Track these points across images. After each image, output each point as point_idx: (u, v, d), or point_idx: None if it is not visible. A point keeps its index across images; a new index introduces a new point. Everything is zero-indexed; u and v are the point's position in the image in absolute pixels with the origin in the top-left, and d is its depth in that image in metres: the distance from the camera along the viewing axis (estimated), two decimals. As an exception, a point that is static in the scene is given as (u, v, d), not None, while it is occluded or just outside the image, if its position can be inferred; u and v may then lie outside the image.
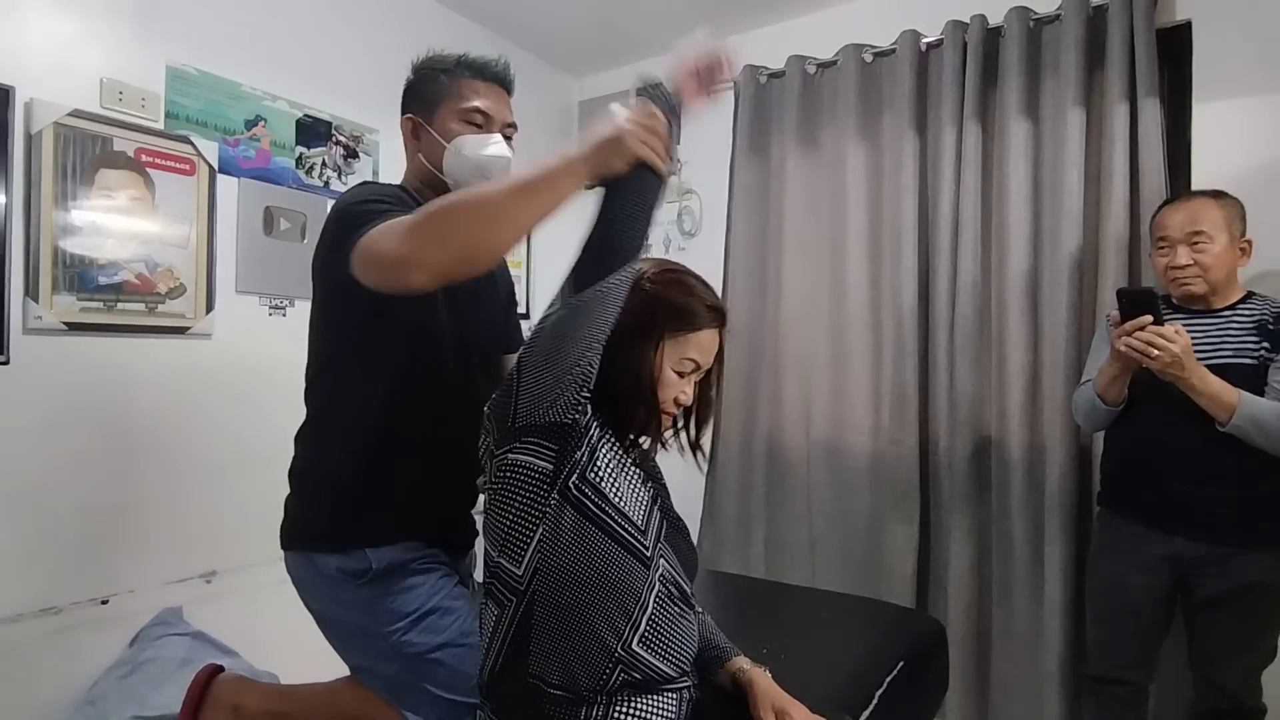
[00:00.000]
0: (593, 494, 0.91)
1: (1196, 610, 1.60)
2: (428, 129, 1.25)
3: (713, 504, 2.61)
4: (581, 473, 0.91)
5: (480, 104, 1.24)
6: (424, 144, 1.26)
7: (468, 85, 1.25)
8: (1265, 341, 1.52)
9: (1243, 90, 1.88)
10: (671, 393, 0.99)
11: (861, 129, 2.37)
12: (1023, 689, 2.04)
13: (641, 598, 0.93)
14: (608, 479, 0.93)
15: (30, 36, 1.62)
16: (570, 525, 0.90)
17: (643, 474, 1.02)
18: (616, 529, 0.92)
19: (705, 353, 1.01)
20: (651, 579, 0.94)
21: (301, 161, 2.14)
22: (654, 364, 0.97)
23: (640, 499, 0.96)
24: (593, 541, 0.91)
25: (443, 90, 1.25)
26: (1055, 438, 1.98)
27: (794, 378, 2.47)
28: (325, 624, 1.23)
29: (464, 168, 1.22)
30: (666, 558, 0.98)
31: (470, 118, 1.24)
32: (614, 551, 0.91)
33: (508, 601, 0.94)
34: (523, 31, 2.72)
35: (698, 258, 2.79)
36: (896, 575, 2.23)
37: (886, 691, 1.27)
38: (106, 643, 1.72)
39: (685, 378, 1.01)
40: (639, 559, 0.93)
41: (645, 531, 0.95)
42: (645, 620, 0.93)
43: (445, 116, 1.24)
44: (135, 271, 1.76)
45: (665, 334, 0.97)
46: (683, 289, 1.01)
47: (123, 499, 1.76)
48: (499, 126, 1.26)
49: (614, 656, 0.91)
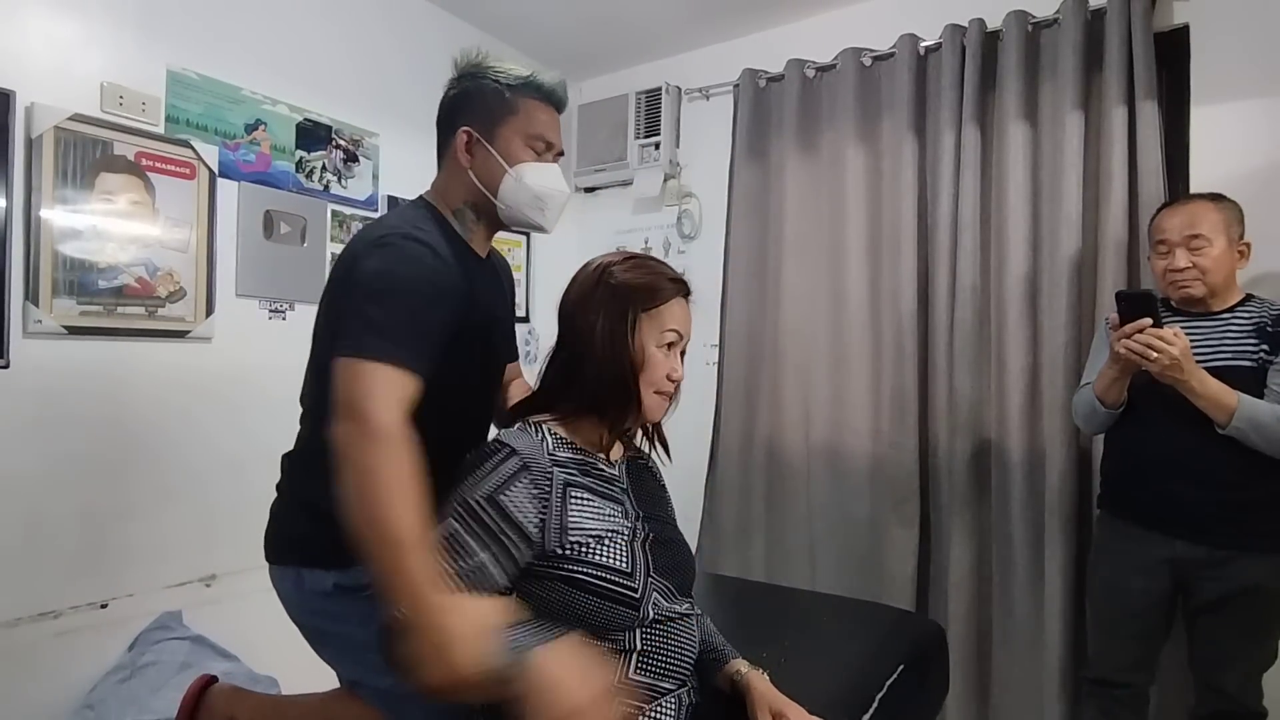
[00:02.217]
0: (564, 562, 0.93)
1: (1197, 613, 1.60)
2: (487, 147, 1.16)
3: (712, 507, 2.61)
4: (559, 550, 0.93)
5: (547, 132, 1.18)
6: (478, 161, 1.17)
7: (536, 107, 1.18)
8: (1264, 344, 1.52)
9: (1240, 93, 1.88)
10: (662, 370, 1.01)
11: (860, 132, 2.37)
12: (1023, 692, 2.03)
13: (631, 635, 0.94)
14: (585, 532, 0.95)
15: (31, 41, 1.62)
16: (548, 587, 0.93)
17: (617, 497, 1.03)
18: (597, 584, 0.93)
19: (682, 322, 1.04)
20: (644, 613, 0.95)
21: (302, 165, 2.14)
22: (635, 345, 0.99)
23: (621, 534, 0.97)
24: (573, 598, 0.93)
25: (508, 107, 1.16)
26: (1055, 440, 1.98)
27: (793, 381, 2.47)
28: (317, 637, 1.20)
29: (522, 196, 1.16)
30: (659, 588, 0.98)
31: (534, 144, 1.17)
32: (597, 603, 0.93)
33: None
34: (522, 36, 2.73)
35: (697, 261, 2.81)
36: (896, 578, 2.22)
37: (886, 695, 1.27)
38: (106, 647, 1.72)
39: (671, 351, 1.03)
40: (627, 605, 0.94)
41: (632, 574, 0.95)
42: (637, 654, 0.95)
43: (508, 136, 1.16)
44: (135, 275, 1.76)
45: (639, 313, 1.00)
46: (643, 269, 1.04)
47: (122, 502, 1.76)
48: (556, 154, 1.21)
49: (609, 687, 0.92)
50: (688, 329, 1.06)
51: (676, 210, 2.89)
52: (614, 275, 1.02)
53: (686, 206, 2.88)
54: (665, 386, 1.03)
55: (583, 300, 1.03)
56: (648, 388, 1.01)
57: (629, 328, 0.99)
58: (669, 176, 2.88)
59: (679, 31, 2.73)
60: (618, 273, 1.03)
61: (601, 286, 1.02)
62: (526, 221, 1.21)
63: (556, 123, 1.21)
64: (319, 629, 1.19)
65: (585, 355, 1.01)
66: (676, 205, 2.89)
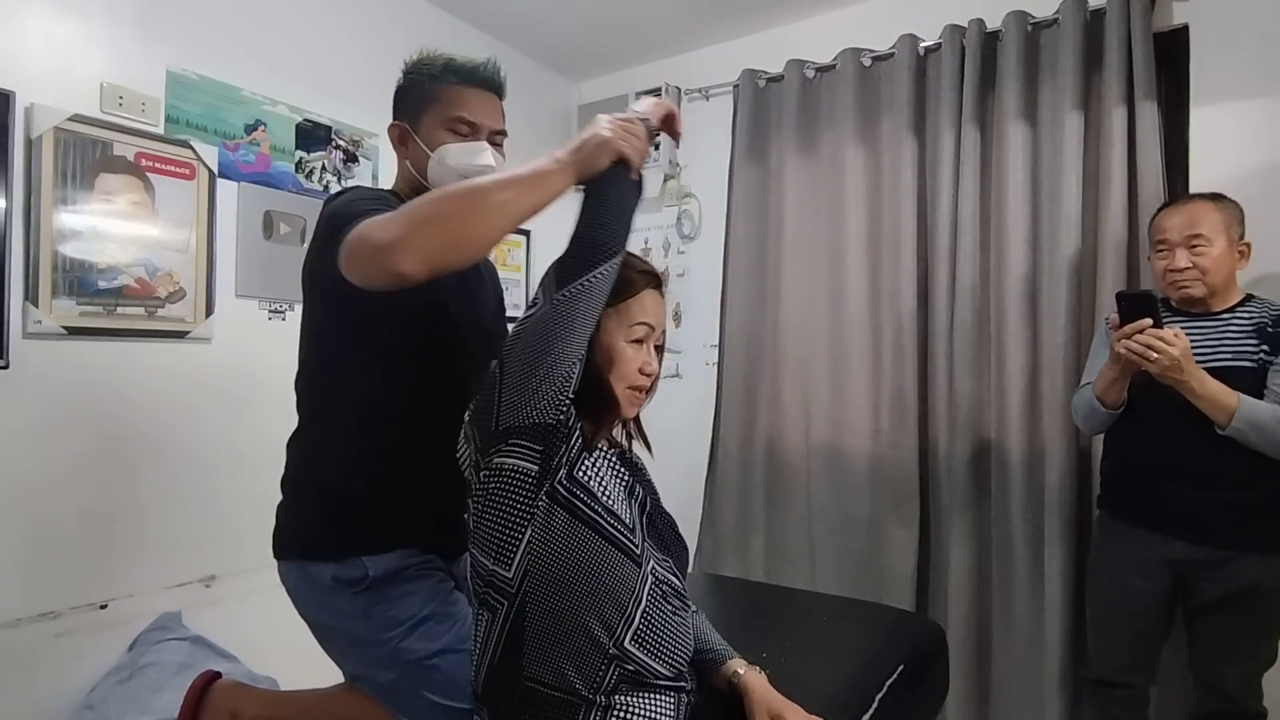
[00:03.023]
0: (582, 493, 0.92)
1: (1196, 613, 1.60)
2: (414, 136, 1.21)
3: (712, 507, 2.61)
4: (570, 471, 0.92)
5: (466, 112, 1.20)
6: (410, 151, 1.23)
7: (454, 91, 1.21)
8: (1264, 344, 1.52)
9: (1240, 94, 1.88)
10: (633, 365, 1.01)
11: (860, 133, 2.37)
12: (1023, 692, 2.03)
13: (634, 592, 0.93)
14: (595, 477, 0.95)
15: (31, 41, 1.62)
16: (561, 526, 0.91)
17: (626, 471, 1.03)
18: (607, 527, 0.92)
19: (653, 314, 1.03)
20: (644, 573, 0.95)
21: (301, 166, 2.14)
22: (602, 344, 0.98)
23: (625, 497, 0.98)
24: (584, 540, 0.91)
25: (429, 96, 1.21)
26: (1055, 441, 1.98)
27: (793, 381, 2.47)
28: (321, 632, 1.22)
29: (448, 178, 1.16)
30: (655, 555, 0.99)
31: (455, 126, 1.20)
32: (605, 550, 0.92)
33: (499, 605, 0.94)
34: (522, 36, 2.73)
35: (697, 261, 2.81)
36: (896, 578, 2.22)
37: (886, 695, 1.27)
38: (105, 647, 1.72)
39: (643, 345, 1.02)
40: (630, 556, 0.93)
41: (634, 530, 0.95)
42: (639, 615, 0.94)
43: (431, 124, 1.20)
44: (135, 276, 1.76)
45: (604, 311, 0.97)
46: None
47: (122, 503, 1.76)
48: (486, 134, 1.22)
49: (607, 655, 0.92)
50: (660, 320, 1.05)
51: (676, 210, 2.90)
52: None
53: (686, 207, 2.88)
54: (638, 381, 1.02)
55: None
56: (620, 384, 1.00)
57: (592, 323, 0.97)
58: (669, 177, 2.88)
59: (679, 32, 2.73)
60: None
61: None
62: None
63: (486, 104, 1.23)
64: (323, 623, 1.21)
65: None
66: (676, 205, 2.89)
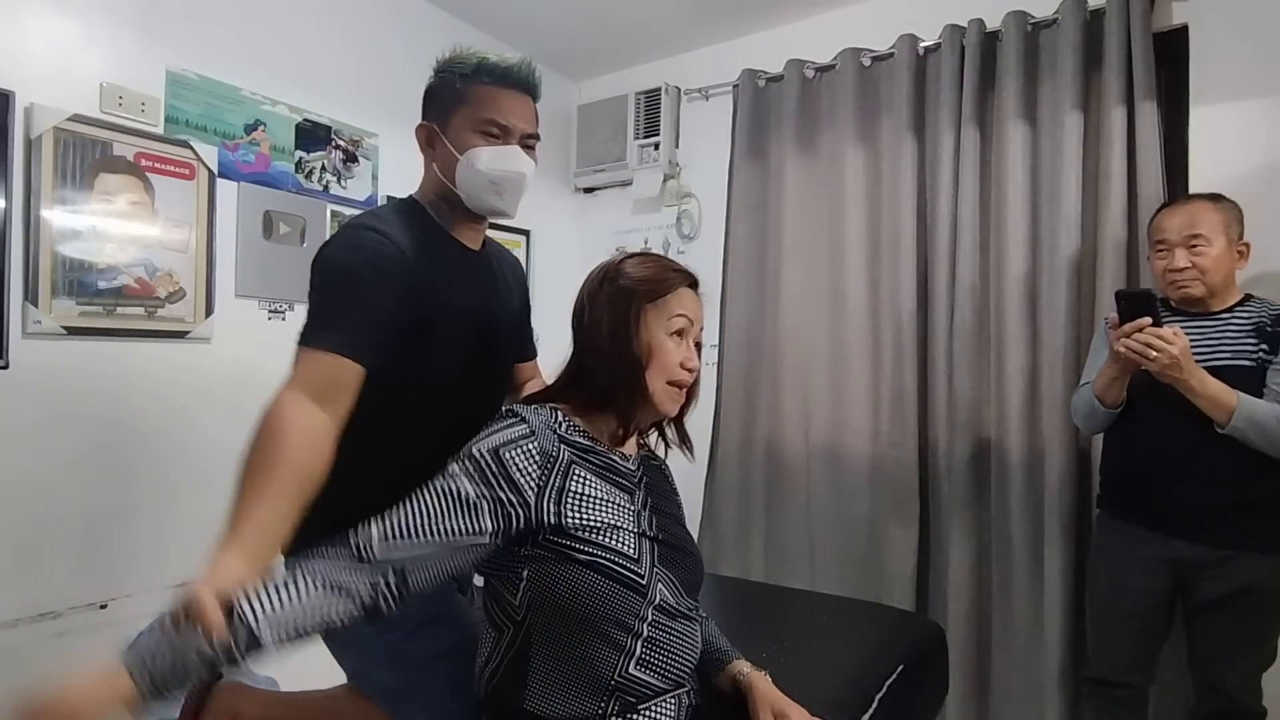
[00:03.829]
0: (571, 541, 0.92)
1: (1196, 613, 1.60)
2: (442, 138, 1.17)
3: (712, 507, 2.61)
4: (557, 517, 0.91)
5: (498, 114, 1.16)
6: (438, 154, 1.18)
7: (486, 92, 1.16)
8: (1263, 344, 1.53)
9: (1240, 94, 1.88)
10: (674, 358, 1.01)
11: (860, 133, 2.38)
12: (1023, 692, 2.03)
13: (636, 626, 0.93)
14: (588, 510, 0.93)
15: (30, 41, 1.62)
16: (557, 569, 0.91)
17: (639, 483, 1.02)
18: (606, 565, 0.92)
19: (690, 309, 1.04)
20: (651, 598, 0.94)
21: (301, 166, 2.14)
22: (641, 338, 0.99)
23: (626, 522, 0.96)
24: (583, 579, 0.91)
25: (459, 96, 1.16)
26: (1054, 440, 1.98)
27: (793, 381, 2.47)
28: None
29: (477, 182, 1.16)
30: (664, 575, 0.98)
31: (486, 129, 1.15)
32: (606, 585, 0.91)
33: (505, 627, 0.95)
34: (521, 36, 2.73)
35: (697, 261, 2.78)
36: (896, 578, 2.22)
37: (886, 695, 1.27)
38: (105, 647, 1.71)
39: (683, 339, 1.03)
40: (634, 589, 0.93)
41: (639, 560, 0.94)
42: (641, 645, 0.94)
43: (460, 125, 1.16)
44: (135, 276, 1.76)
45: (643, 305, 1.00)
46: (647, 263, 1.05)
47: (122, 503, 1.76)
48: (519, 138, 1.18)
49: (610, 685, 0.92)
50: (698, 316, 1.06)
51: (676, 210, 2.89)
52: (619, 273, 1.03)
53: (686, 207, 2.88)
54: (678, 375, 1.02)
55: (590, 300, 1.03)
56: (658, 377, 1.00)
57: (633, 320, 0.99)
58: (668, 177, 2.88)
59: (678, 32, 2.73)
60: (622, 270, 1.03)
61: (606, 285, 1.02)
62: (487, 207, 1.20)
63: (518, 105, 1.18)
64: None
65: (594, 352, 1.01)
66: (676, 205, 2.89)
